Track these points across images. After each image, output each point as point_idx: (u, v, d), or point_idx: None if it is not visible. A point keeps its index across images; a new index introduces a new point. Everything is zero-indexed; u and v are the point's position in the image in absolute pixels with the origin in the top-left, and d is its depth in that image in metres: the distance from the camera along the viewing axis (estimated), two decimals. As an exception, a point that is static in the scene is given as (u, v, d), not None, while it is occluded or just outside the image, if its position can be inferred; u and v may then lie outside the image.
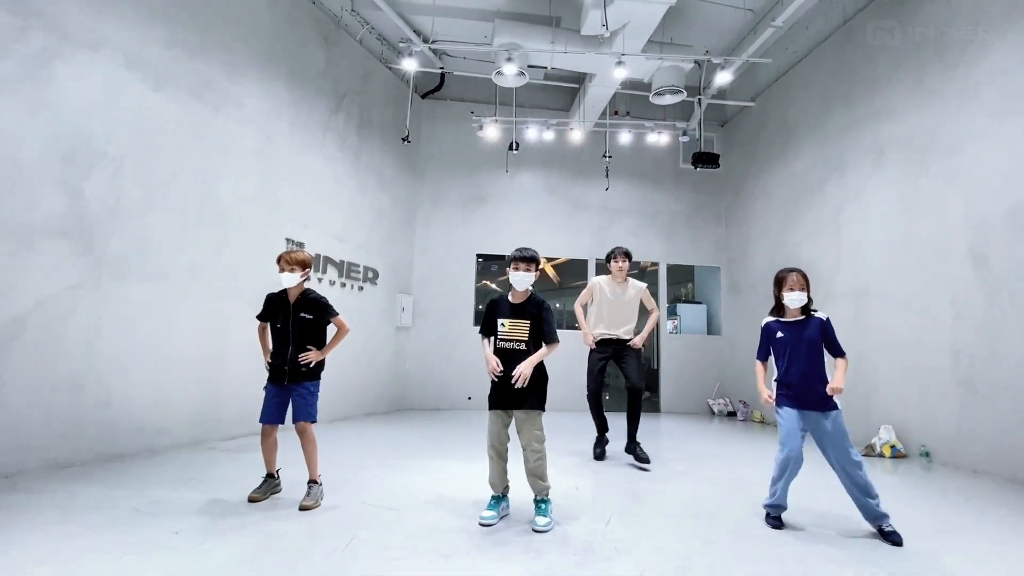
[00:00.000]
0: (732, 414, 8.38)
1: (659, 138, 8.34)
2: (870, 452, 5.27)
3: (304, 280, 3.24)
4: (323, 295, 3.32)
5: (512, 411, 2.98)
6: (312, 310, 3.23)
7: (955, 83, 5.05)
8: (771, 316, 3.14)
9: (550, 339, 2.98)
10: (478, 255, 8.84)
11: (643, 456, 4.39)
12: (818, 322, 2.98)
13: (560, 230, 9.04)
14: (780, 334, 3.03)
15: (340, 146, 6.84)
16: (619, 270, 4.70)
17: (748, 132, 8.82)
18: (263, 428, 3.19)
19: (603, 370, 4.66)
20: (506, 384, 2.92)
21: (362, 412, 7.14)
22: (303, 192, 6.16)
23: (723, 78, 7.17)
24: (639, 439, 4.53)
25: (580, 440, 5.42)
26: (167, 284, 4.54)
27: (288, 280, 3.18)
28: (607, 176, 8.78)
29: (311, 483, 3.16)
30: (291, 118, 6.00)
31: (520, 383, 2.85)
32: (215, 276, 5.00)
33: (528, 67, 6.76)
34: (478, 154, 8.88)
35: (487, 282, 14.12)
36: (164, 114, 4.55)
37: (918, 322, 5.27)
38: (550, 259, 11.86)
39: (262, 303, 3.32)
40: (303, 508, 2.99)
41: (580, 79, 8.42)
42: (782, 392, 3.00)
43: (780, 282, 3.04)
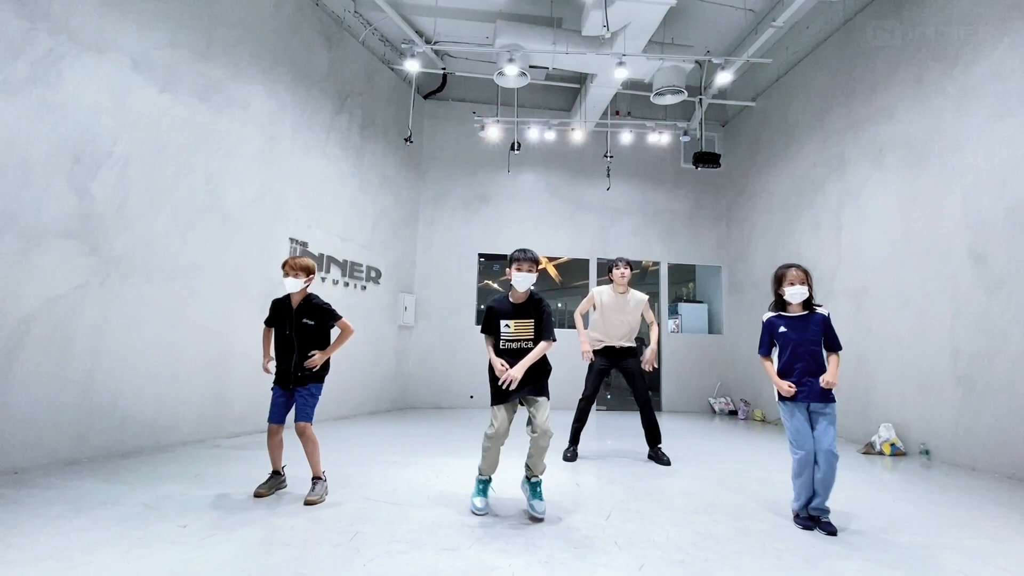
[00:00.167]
0: (733, 413, 8.40)
1: (660, 138, 8.36)
2: (870, 450, 5.29)
3: (307, 285, 3.28)
4: (326, 300, 3.35)
5: (524, 402, 3.03)
6: (314, 316, 3.28)
7: (954, 83, 5.07)
8: (771, 311, 3.14)
9: (548, 336, 3.06)
10: (480, 254, 8.87)
11: (665, 459, 4.48)
12: (820, 318, 3.00)
13: (561, 230, 9.07)
14: (782, 328, 3.04)
15: (343, 146, 6.89)
16: (621, 278, 4.71)
17: (749, 132, 8.84)
18: (270, 427, 3.25)
19: (603, 376, 4.70)
20: (519, 383, 2.98)
21: (365, 410, 7.19)
22: (307, 192, 6.21)
23: (724, 78, 7.19)
24: (661, 440, 4.62)
25: (581, 438, 5.43)
26: (173, 283, 4.59)
27: (292, 285, 3.23)
28: (608, 176, 8.82)
29: (315, 480, 3.21)
30: (295, 119, 6.05)
31: (514, 386, 2.91)
32: (220, 275, 5.05)
33: (529, 68, 6.80)
34: (480, 154, 8.91)
35: (489, 282, 14.16)
36: (169, 115, 4.61)
37: (917, 320, 5.29)
38: (552, 259, 11.90)
39: (268, 307, 3.37)
40: (308, 503, 3.04)
41: (581, 79, 8.45)
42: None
43: (779, 279, 3.06)
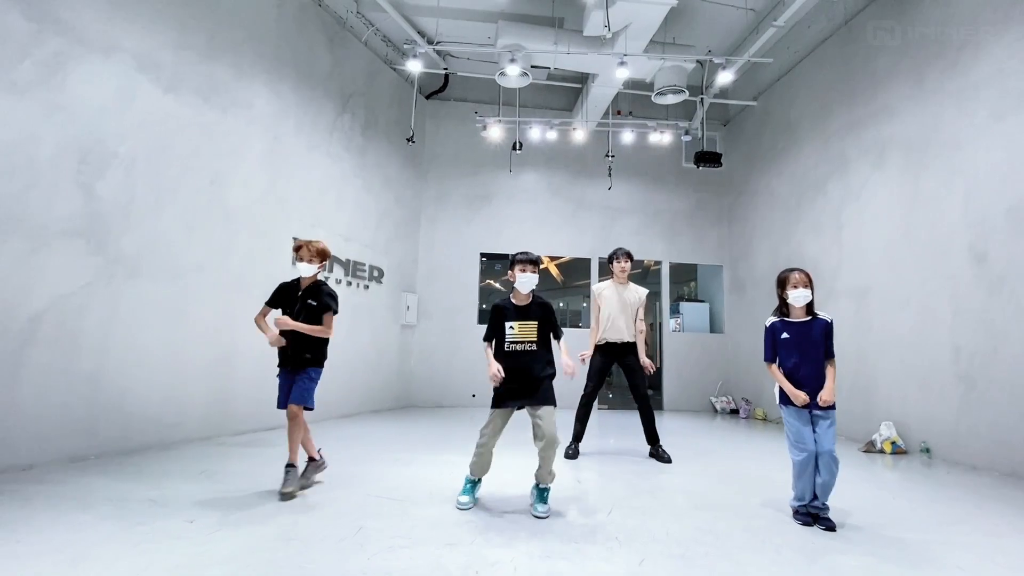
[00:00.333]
0: (735, 412, 8.42)
1: (661, 137, 8.37)
2: (871, 448, 5.30)
3: (320, 271, 3.34)
4: (333, 289, 3.41)
5: (530, 407, 3.02)
6: (317, 297, 3.31)
7: (955, 82, 5.08)
8: (774, 316, 3.14)
9: (560, 334, 3.19)
10: (482, 254, 8.90)
11: (665, 457, 4.50)
12: (823, 323, 3.02)
13: (563, 229, 9.10)
14: (786, 335, 3.05)
15: (346, 146, 6.93)
16: (621, 271, 4.74)
17: (750, 131, 8.85)
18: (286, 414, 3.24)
19: (604, 373, 4.72)
20: (522, 384, 3.02)
21: (368, 409, 7.22)
22: (310, 192, 6.24)
23: (725, 78, 7.20)
24: (659, 439, 4.64)
25: (584, 437, 5.46)
26: (178, 282, 4.63)
27: (306, 270, 3.29)
28: (610, 175, 8.83)
29: (289, 467, 3.16)
30: (298, 119, 6.09)
31: (576, 375, 3.12)
32: (225, 274, 5.08)
33: (531, 68, 6.82)
34: (482, 154, 8.94)
35: (491, 281, 14.19)
36: (174, 115, 4.64)
37: (918, 319, 5.31)
38: (553, 258, 11.93)
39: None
40: (283, 496, 3.01)
41: (583, 79, 8.47)
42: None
43: (783, 282, 3.06)
